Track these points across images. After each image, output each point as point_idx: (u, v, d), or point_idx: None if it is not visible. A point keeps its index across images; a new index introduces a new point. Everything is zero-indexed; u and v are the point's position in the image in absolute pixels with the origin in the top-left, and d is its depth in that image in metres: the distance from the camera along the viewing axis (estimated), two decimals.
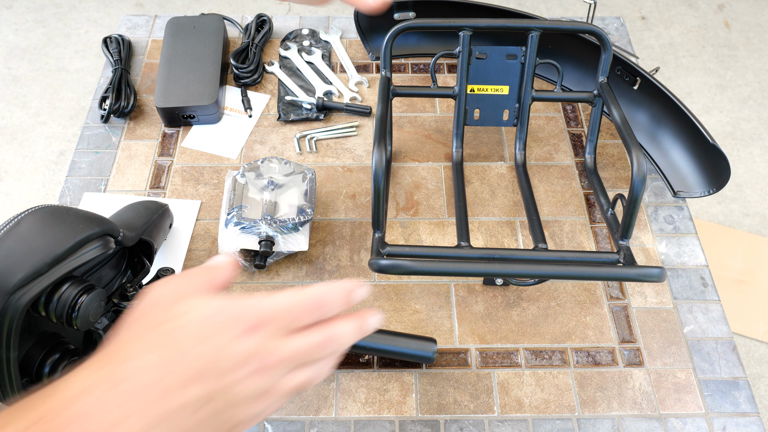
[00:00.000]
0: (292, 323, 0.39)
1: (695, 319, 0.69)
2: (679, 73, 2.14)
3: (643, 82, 0.80)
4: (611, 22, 1.00)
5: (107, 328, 0.55)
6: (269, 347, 0.38)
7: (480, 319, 0.68)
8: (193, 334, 0.37)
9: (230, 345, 0.37)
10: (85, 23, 2.26)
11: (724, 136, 1.97)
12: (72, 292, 0.49)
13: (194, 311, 0.38)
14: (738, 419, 0.62)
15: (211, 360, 0.36)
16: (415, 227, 0.75)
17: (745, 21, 2.30)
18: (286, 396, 0.40)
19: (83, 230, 0.51)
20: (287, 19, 0.99)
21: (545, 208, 0.77)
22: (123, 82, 0.87)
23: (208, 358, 0.36)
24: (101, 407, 0.34)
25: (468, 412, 0.62)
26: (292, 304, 0.40)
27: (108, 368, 0.36)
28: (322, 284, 0.42)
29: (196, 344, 0.37)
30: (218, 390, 0.36)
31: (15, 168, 1.87)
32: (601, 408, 0.62)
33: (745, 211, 1.79)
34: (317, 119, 0.85)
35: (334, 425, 0.61)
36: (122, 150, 0.82)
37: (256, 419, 0.40)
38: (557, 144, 0.84)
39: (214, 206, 0.77)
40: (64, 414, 0.34)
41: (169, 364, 0.36)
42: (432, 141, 0.84)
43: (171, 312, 0.38)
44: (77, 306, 0.49)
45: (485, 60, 0.75)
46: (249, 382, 0.37)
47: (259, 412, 0.40)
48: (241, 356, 0.37)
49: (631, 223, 0.64)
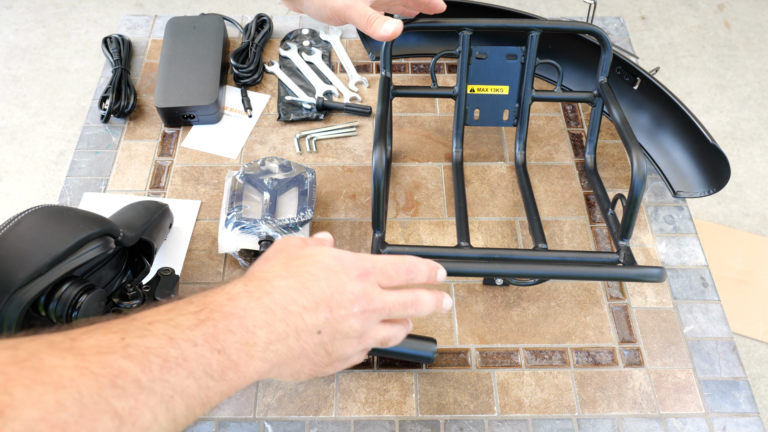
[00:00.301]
0: (388, 280, 0.47)
1: (695, 319, 0.69)
2: (679, 73, 2.14)
3: (643, 82, 0.80)
4: (611, 22, 1.00)
5: None
6: (374, 293, 0.46)
7: (480, 319, 0.68)
8: (322, 270, 0.45)
9: (348, 284, 0.45)
10: (85, 23, 2.26)
11: (724, 136, 1.97)
12: (72, 292, 0.50)
13: (320, 255, 0.46)
14: (738, 419, 0.62)
15: (334, 292, 0.44)
16: (415, 227, 0.75)
17: (745, 21, 2.30)
18: (372, 344, 0.48)
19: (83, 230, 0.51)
20: (287, 19, 0.99)
21: (545, 208, 0.77)
22: (123, 82, 0.87)
23: (332, 290, 0.44)
24: (255, 308, 0.40)
25: (468, 412, 0.62)
26: (390, 264, 0.48)
27: (258, 282, 0.43)
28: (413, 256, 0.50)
29: (324, 278, 0.44)
30: (334, 320, 0.44)
31: (15, 168, 1.87)
32: (601, 408, 0.62)
33: (745, 211, 1.79)
34: (317, 119, 0.86)
35: (334, 425, 0.61)
36: (122, 150, 0.82)
37: (345, 363, 0.48)
38: (557, 144, 0.84)
39: (214, 206, 0.77)
40: (227, 307, 0.40)
41: (305, 288, 0.43)
42: (432, 141, 0.84)
43: (302, 252, 0.47)
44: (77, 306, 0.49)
45: (485, 60, 0.75)
46: (354, 320, 0.45)
47: (349, 356, 0.47)
48: (355, 295, 0.45)
49: (631, 223, 0.64)
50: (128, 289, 0.57)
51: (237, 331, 0.39)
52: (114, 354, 0.33)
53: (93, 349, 0.33)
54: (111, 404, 0.31)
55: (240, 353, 0.39)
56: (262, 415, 0.61)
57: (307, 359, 0.44)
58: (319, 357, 0.44)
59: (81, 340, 0.34)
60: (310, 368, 0.45)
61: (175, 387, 0.35)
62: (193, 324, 0.38)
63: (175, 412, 0.35)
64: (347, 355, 0.47)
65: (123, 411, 0.32)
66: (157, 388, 0.34)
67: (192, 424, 0.40)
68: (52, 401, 0.29)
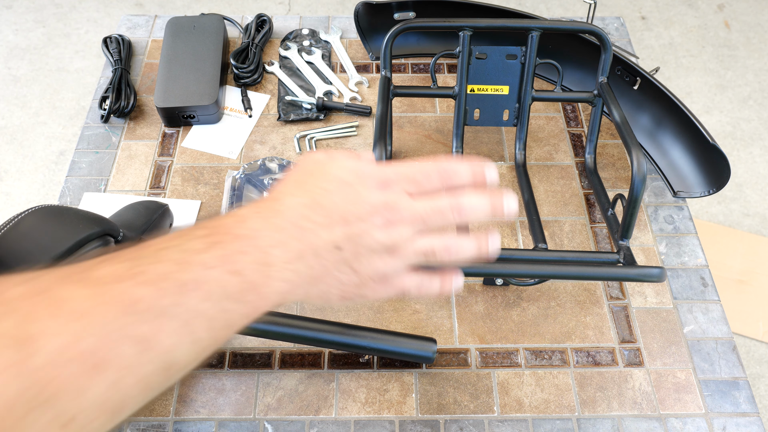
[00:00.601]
0: (418, 186, 0.42)
1: (695, 319, 0.69)
2: (679, 73, 2.14)
3: (643, 82, 0.80)
4: (611, 22, 1.00)
5: None
6: (397, 202, 0.42)
7: (480, 319, 0.68)
8: (336, 182, 0.42)
9: (365, 194, 0.41)
10: (85, 23, 2.26)
11: (724, 136, 1.97)
12: None
13: (336, 168, 0.43)
14: (738, 419, 0.62)
15: (350, 205, 0.41)
16: None
17: (745, 21, 2.30)
18: (414, 258, 0.42)
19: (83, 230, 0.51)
20: (287, 19, 0.99)
21: (545, 208, 0.77)
22: (123, 82, 0.87)
23: (348, 203, 0.41)
24: (266, 228, 0.39)
25: (468, 412, 0.62)
26: (417, 169, 0.43)
27: (268, 203, 0.41)
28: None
29: (338, 191, 0.41)
30: (354, 234, 0.40)
31: (15, 168, 1.87)
32: (601, 408, 0.62)
33: (745, 211, 1.79)
34: (317, 119, 0.86)
35: (334, 425, 0.61)
36: (122, 150, 0.82)
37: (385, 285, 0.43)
38: (557, 144, 0.84)
39: (214, 206, 0.77)
40: (237, 229, 0.38)
41: (319, 204, 0.41)
42: (432, 141, 0.84)
43: (318, 167, 0.43)
44: None
45: (485, 60, 0.75)
46: (377, 232, 0.41)
47: (384, 273, 0.42)
48: (375, 206, 0.41)
49: (631, 223, 0.64)
50: None
51: (251, 252, 0.37)
52: (128, 281, 0.33)
53: (107, 278, 0.33)
54: (131, 330, 0.31)
55: (257, 273, 0.37)
56: (262, 415, 0.61)
57: (333, 278, 0.41)
58: (345, 275, 0.41)
59: (94, 271, 0.33)
60: (339, 289, 0.42)
61: (193, 310, 0.34)
62: (203, 247, 0.37)
63: (196, 335, 0.34)
64: (380, 272, 0.42)
65: (144, 335, 0.32)
66: (175, 312, 0.33)
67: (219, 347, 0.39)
68: (74, 330, 0.29)
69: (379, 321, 0.67)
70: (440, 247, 0.43)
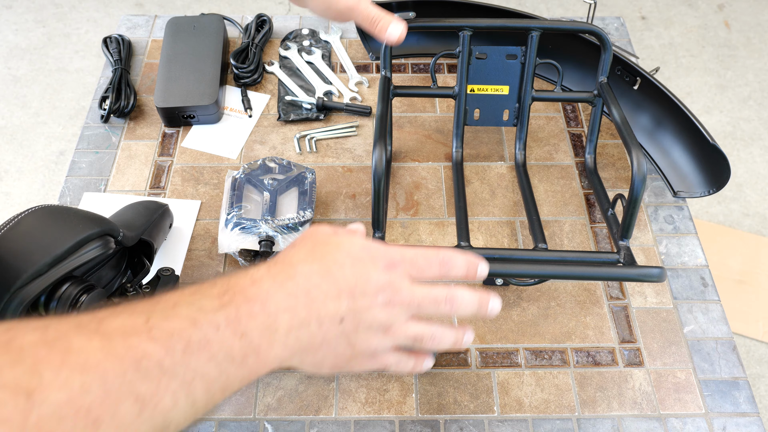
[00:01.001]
0: (419, 272, 0.45)
1: (695, 319, 0.69)
2: (679, 73, 2.14)
3: (643, 82, 0.80)
4: (611, 22, 1.00)
5: None
6: (401, 284, 0.44)
7: (480, 319, 0.68)
8: (348, 257, 0.44)
9: (374, 273, 0.43)
10: (85, 23, 2.26)
11: (724, 136, 1.97)
12: (72, 292, 0.50)
13: (348, 242, 0.45)
14: (738, 419, 0.62)
15: (359, 280, 0.43)
16: (415, 227, 0.75)
17: (745, 21, 2.30)
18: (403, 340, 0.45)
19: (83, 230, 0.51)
20: (287, 19, 0.99)
21: (545, 208, 0.77)
22: (123, 82, 0.87)
23: (357, 278, 0.43)
24: (278, 293, 0.40)
25: (468, 412, 0.62)
26: (420, 255, 0.46)
27: (282, 266, 0.43)
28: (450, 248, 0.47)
29: (350, 265, 0.43)
30: (357, 309, 0.42)
31: (15, 168, 1.87)
32: (601, 408, 0.62)
33: (745, 211, 1.79)
34: (317, 119, 0.86)
35: (334, 425, 0.61)
36: (122, 150, 0.82)
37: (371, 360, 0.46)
38: (557, 144, 0.84)
39: (214, 206, 0.77)
40: (250, 290, 0.40)
41: (329, 275, 0.42)
42: (432, 141, 0.84)
43: (330, 239, 0.46)
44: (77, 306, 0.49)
45: (485, 60, 0.75)
46: (378, 310, 0.43)
47: (374, 350, 0.45)
48: (380, 285, 0.43)
49: (631, 223, 0.64)
50: (128, 289, 0.57)
51: (259, 315, 0.38)
52: (139, 336, 0.33)
53: (119, 330, 0.33)
54: (134, 388, 0.32)
55: (261, 338, 0.38)
56: (262, 415, 0.61)
57: (329, 349, 0.43)
58: (341, 348, 0.43)
59: (107, 322, 0.34)
60: (332, 359, 0.44)
61: (196, 371, 0.35)
62: (216, 307, 0.37)
63: (195, 396, 0.35)
64: (372, 348, 0.45)
65: (145, 394, 0.32)
66: (179, 372, 0.34)
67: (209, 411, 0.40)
68: (78, 384, 0.30)
69: None
70: (428, 334, 0.46)
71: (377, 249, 0.45)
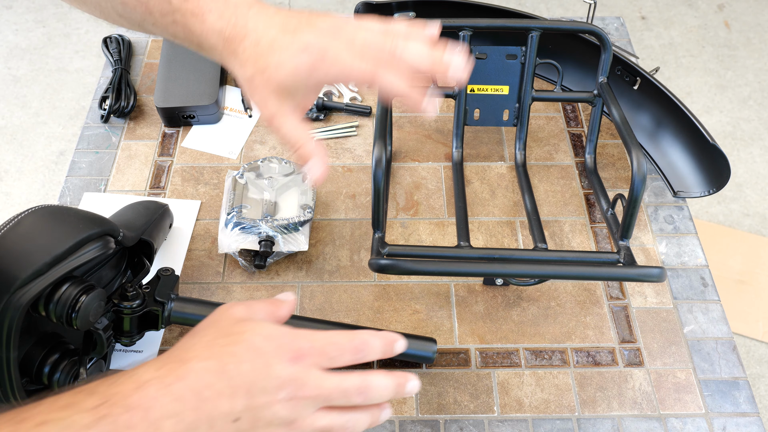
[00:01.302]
0: (330, 362, 0.42)
1: (695, 319, 0.69)
2: (679, 73, 2.14)
3: (643, 82, 0.80)
4: (611, 22, 1.00)
5: (107, 328, 0.55)
6: (306, 378, 0.41)
7: (480, 319, 0.68)
8: (247, 350, 0.41)
9: (277, 367, 0.40)
10: (85, 23, 2.26)
11: (724, 136, 1.97)
12: (72, 292, 0.49)
13: (251, 332, 0.42)
14: (738, 419, 0.62)
15: (258, 377, 0.40)
16: (415, 227, 0.75)
17: (745, 21, 2.30)
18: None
19: (83, 230, 0.51)
20: None
21: (545, 208, 0.77)
22: (123, 82, 0.87)
23: (256, 374, 0.40)
24: (164, 397, 0.37)
25: (468, 412, 0.62)
26: (332, 343, 0.43)
27: (172, 365, 0.39)
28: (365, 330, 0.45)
29: (248, 360, 0.40)
30: (255, 407, 0.40)
31: (15, 168, 1.87)
32: (601, 408, 0.62)
33: (745, 211, 1.79)
34: (317, 119, 0.85)
35: None
36: (122, 150, 0.82)
37: None
38: (557, 144, 0.84)
39: (214, 206, 0.77)
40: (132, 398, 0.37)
41: (224, 372, 0.39)
42: (432, 141, 0.84)
43: (233, 328, 0.43)
44: (77, 306, 0.49)
45: (485, 60, 0.75)
46: (280, 407, 0.40)
47: None
48: (282, 380, 0.40)
49: (631, 223, 0.64)
50: (128, 289, 0.57)
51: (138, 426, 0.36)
52: None
53: None
54: None
55: None
56: None
57: None
58: None
59: None
60: None
61: None
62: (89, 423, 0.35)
63: None
64: None
65: None
66: None
67: None
68: None
69: (379, 321, 0.67)
70: (338, 425, 0.43)
71: (284, 338, 0.42)
